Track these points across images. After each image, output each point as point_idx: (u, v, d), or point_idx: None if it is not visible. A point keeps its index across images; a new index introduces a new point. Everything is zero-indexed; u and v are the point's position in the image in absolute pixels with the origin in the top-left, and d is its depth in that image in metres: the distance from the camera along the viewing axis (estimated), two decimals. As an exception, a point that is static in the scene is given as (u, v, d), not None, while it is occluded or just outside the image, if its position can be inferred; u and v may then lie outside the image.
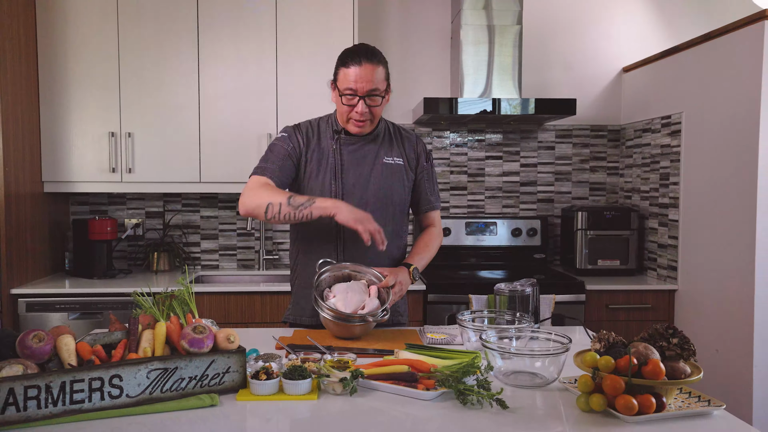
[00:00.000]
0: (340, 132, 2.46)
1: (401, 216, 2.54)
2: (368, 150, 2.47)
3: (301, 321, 2.55)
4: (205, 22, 3.87)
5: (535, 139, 4.49)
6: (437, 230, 2.62)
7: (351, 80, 2.30)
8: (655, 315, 3.75)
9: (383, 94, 2.36)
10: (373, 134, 2.49)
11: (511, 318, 2.17)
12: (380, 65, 2.34)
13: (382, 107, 2.40)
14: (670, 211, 3.81)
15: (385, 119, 2.59)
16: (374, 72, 2.30)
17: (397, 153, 2.51)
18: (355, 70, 2.29)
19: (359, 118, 2.36)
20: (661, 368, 1.52)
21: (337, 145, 2.45)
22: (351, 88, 2.31)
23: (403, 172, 2.50)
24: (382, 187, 2.45)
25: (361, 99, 2.32)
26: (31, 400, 1.50)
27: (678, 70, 3.76)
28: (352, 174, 2.44)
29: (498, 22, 4.04)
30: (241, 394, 1.71)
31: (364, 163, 2.45)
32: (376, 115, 2.40)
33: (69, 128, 3.86)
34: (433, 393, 1.67)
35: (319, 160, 2.44)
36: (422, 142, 2.59)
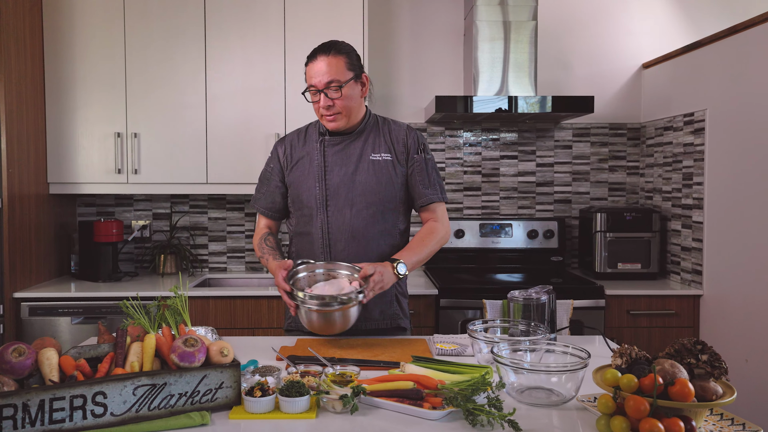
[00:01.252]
0: (325, 134, 2.46)
1: (393, 214, 2.45)
2: (353, 148, 2.44)
3: (303, 328, 2.46)
4: (212, 20, 3.80)
5: (551, 137, 4.37)
6: (438, 224, 2.48)
7: (310, 76, 2.35)
8: (679, 321, 3.61)
9: (343, 84, 2.32)
10: (357, 131, 2.45)
11: (526, 328, 2.06)
12: (338, 55, 2.34)
13: (353, 98, 2.38)
14: (694, 213, 3.67)
15: (376, 114, 2.54)
16: (330, 64, 2.31)
17: (385, 148, 2.45)
18: (311, 65, 2.35)
19: (326, 113, 2.35)
20: (690, 389, 1.39)
21: (321, 147, 2.45)
22: (312, 85, 2.35)
23: (391, 167, 2.43)
24: (369, 185, 2.40)
25: (322, 93, 2.32)
26: (6, 420, 1.42)
27: (701, 66, 3.63)
28: (336, 174, 2.41)
29: (513, 18, 3.93)
30: (234, 411, 1.62)
31: (349, 162, 2.42)
32: (346, 107, 2.36)
33: (75, 128, 3.82)
34: (439, 412, 1.57)
35: (306, 165, 2.46)
36: (414, 134, 2.50)
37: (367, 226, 2.39)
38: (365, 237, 2.38)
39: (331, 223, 2.39)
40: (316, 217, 2.40)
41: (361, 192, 2.39)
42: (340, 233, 2.38)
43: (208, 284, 4.12)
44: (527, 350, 1.86)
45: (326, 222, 2.39)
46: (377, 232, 2.40)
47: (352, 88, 2.36)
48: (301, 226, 2.47)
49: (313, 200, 2.41)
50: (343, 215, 2.39)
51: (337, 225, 2.39)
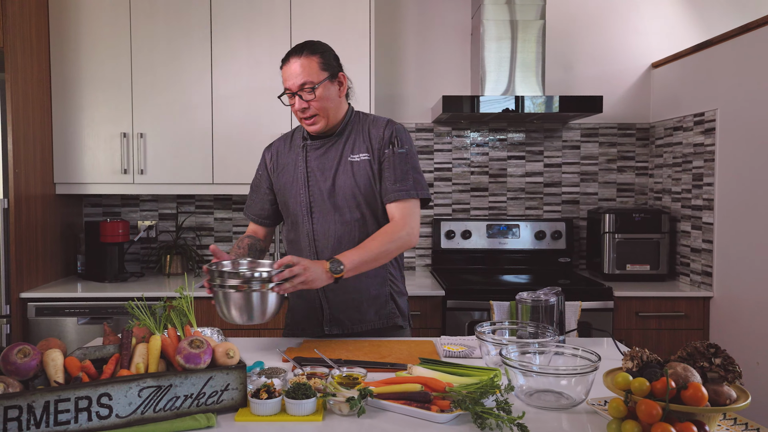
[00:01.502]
0: (307, 139, 2.42)
1: (377, 215, 2.37)
2: (333, 152, 2.38)
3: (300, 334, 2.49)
4: (218, 20, 3.79)
5: (559, 138, 4.34)
6: (397, 224, 2.27)
7: (284, 79, 2.31)
8: (689, 324, 3.58)
9: (317, 86, 2.26)
10: (338, 132, 2.39)
11: (534, 330, 2.03)
12: (311, 56, 2.28)
13: (329, 99, 2.31)
14: (704, 214, 3.64)
15: (360, 111, 2.48)
16: (301, 65, 2.26)
17: (363, 147, 2.36)
18: (285, 68, 2.30)
19: (302, 116, 2.31)
20: (704, 393, 1.37)
21: (303, 153, 2.41)
22: (286, 88, 2.31)
23: (368, 167, 2.34)
24: (349, 189, 2.33)
25: (296, 95, 2.28)
26: (11, 421, 1.40)
27: (712, 65, 3.60)
28: (318, 180, 2.36)
29: (521, 17, 3.90)
30: (240, 413, 1.61)
31: (330, 166, 2.36)
32: (321, 109, 2.29)
33: (81, 129, 3.82)
34: (447, 415, 1.55)
35: (292, 171, 2.42)
36: (392, 128, 2.36)
37: (353, 231, 2.33)
38: (351, 242, 2.32)
39: (317, 230, 2.35)
40: (303, 225, 2.37)
41: (343, 196, 2.33)
42: (326, 240, 2.34)
43: (215, 285, 4.10)
44: (536, 352, 1.84)
45: (311, 230, 2.35)
46: (362, 237, 2.31)
47: (327, 88, 2.29)
48: (291, 234, 2.45)
49: (299, 207, 2.38)
50: (327, 222, 2.34)
51: (322, 232, 2.34)
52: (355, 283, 2.34)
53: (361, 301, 2.39)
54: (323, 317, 2.40)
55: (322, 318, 2.40)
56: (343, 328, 2.40)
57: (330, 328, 2.40)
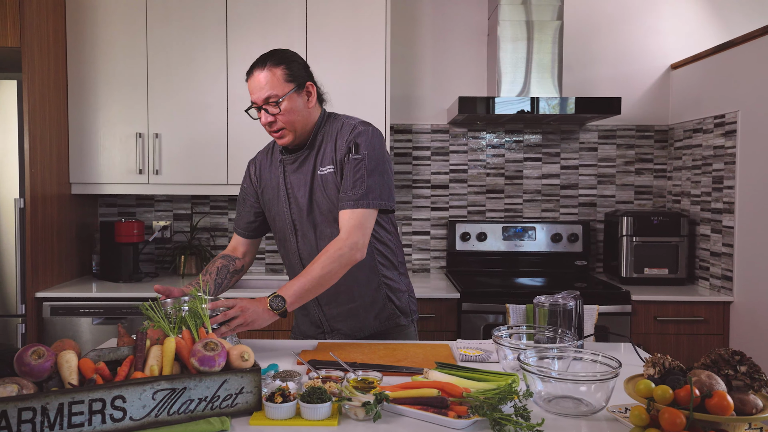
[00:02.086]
0: (283, 153, 2.35)
1: None
2: (307, 166, 2.29)
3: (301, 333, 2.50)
4: (234, 20, 3.79)
5: (576, 140, 4.31)
6: (334, 243, 2.13)
7: (250, 92, 2.23)
8: (708, 329, 3.54)
9: (282, 98, 2.17)
10: (308, 145, 2.29)
11: (552, 335, 2.00)
12: (275, 68, 2.19)
13: (296, 112, 2.21)
14: (725, 217, 3.59)
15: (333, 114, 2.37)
16: (265, 78, 2.18)
17: (329, 159, 2.25)
18: (250, 82, 2.22)
19: (270, 130, 2.23)
20: (729, 401, 1.34)
21: (281, 169, 2.35)
22: (252, 101, 2.23)
23: (334, 179, 2.24)
24: (323, 203, 2.26)
25: (261, 110, 2.21)
26: (25, 423, 1.39)
27: (733, 67, 3.56)
28: (298, 197, 2.31)
29: (537, 18, 3.88)
30: (254, 417, 1.59)
31: (305, 181, 2.29)
32: (289, 123, 2.21)
33: (97, 129, 3.83)
34: (465, 422, 1.52)
35: (275, 187, 2.37)
36: (354, 134, 2.23)
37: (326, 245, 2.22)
38: None
39: (302, 248, 2.32)
40: (290, 243, 2.35)
41: (320, 212, 2.27)
42: (310, 256, 2.30)
43: (229, 286, 4.10)
44: (555, 358, 1.81)
45: (297, 249, 2.33)
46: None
47: (294, 100, 2.19)
48: (282, 251, 2.44)
49: (284, 225, 2.34)
50: (309, 239, 2.30)
51: (307, 250, 2.31)
52: (348, 293, 2.32)
53: (358, 309, 2.36)
54: (324, 329, 2.41)
55: (323, 328, 2.41)
56: (344, 337, 2.40)
57: (332, 337, 2.40)
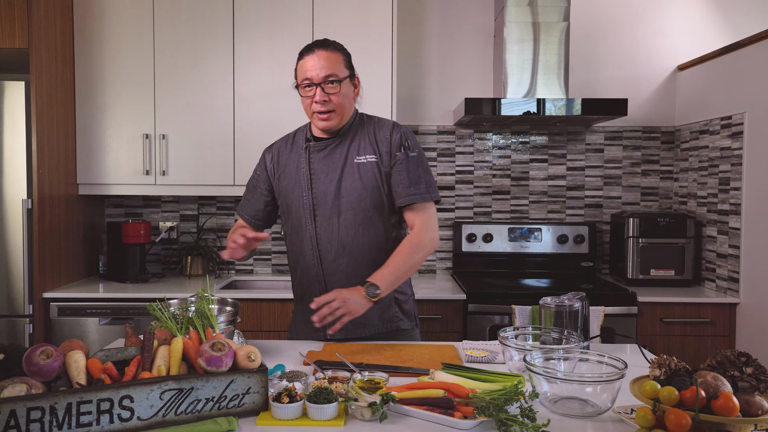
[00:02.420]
0: (310, 140, 2.39)
1: (383, 220, 2.35)
2: (338, 154, 2.34)
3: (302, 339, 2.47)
4: (241, 21, 3.80)
5: (582, 141, 4.30)
6: (420, 233, 2.30)
7: (306, 69, 2.27)
8: (715, 330, 3.53)
9: (342, 80, 2.27)
10: (342, 133, 2.36)
11: (558, 336, 2.01)
12: (336, 52, 2.29)
13: (347, 97, 2.31)
14: (731, 219, 3.59)
15: (363, 113, 2.45)
16: (328, 58, 2.25)
17: (370, 149, 2.33)
18: (309, 58, 2.27)
19: (320, 109, 2.27)
20: (735, 403, 1.34)
21: (306, 154, 2.37)
22: (307, 78, 2.27)
23: (376, 169, 2.32)
24: (354, 191, 2.31)
25: (318, 86, 2.25)
26: (34, 423, 1.40)
27: (739, 68, 3.55)
28: (322, 182, 2.33)
29: (543, 19, 3.88)
30: (261, 417, 1.60)
31: (335, 167, 2.33)
32: (339, 105, 2.28)
33: (104, 130, 3.84)
34: (471, 422, 1.53)
35: (294, 173, 2.39)
36: (400, 131, 2.35)
37: (357, 234, 2.30)
38: (356, 247, 2.30)
39: (320, 233, 2.32)
40: (306, 228, 2.34)
41: (348, 198, 2.30)
42: (329, 244, 2.31)
43: (235, 286, 4.11)
44: (560, 359, 1.81)
45: (314, 233, 2.33)
46: (368, 241, 2.31)
47: (347, 86, 2.30)
48: (293, 237, 2.42)
49: (301, 210, 2.35)
50: (330, 225, 2.31)
51: (326, 236, 2.32)
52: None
53: None
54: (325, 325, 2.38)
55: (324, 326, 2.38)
56: (346, 333, 2.33)
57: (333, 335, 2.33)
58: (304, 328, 2.45)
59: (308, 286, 2.40)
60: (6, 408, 1.37)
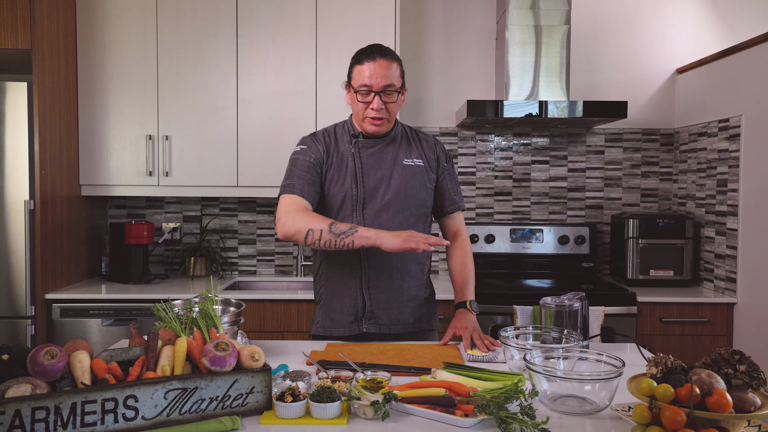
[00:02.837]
0: (358, 136, 2.42)
1: (424, 218, 2.47)
2: (387, 152, 2.43)
3: (335, 333, 2.46)
4: (244, 23, 3.82)
5: (583, 143, 4.32)
6: (465, 239, 2.58)
7: (366, 76, 2.30)
8: (713, 330, 3.56)
9: (398, 90, 2.34)
10: (390, 136, 2.44)
11: (558, 335, 2.03)
12: (394, 62, 2.34)
13: (398, 105, 2.38)
14: (729, 220, 3.61)
15: (402, 123, 2.53)
16: (389, 67, 2.30)
17: (417, 154, 2.46)
18: (370, 65, 2.29)
19: (375, 115, 2.33)
20: (728, 400, 1.36)
21: (355, 149, 2.41)
22: (366, 84, 2.30)
23: (424, 173, 2.45)
24: (404, 189, 2.40)
25: (377, 95, 2.30)
26: (38, 422, 1.41)
27: (737, 71, 3.58)
28: (372, 177, 2.39)
29: (545, 22, 3.90)
30: (265, 416, 1.61)
31: (384, 165, 2.41)
32: (392, 113, 2.36)
33: (107, 131, 3.85)
34: (471, 420, 1.55)
35: (339, 166, 2.41)
36: (441, 144, 2.55)
37: (403, 229, 2.34)
38: None
39: (368, 225, 2.34)
40: (352, 218, 2.37)
41: (397, 195, 2.38)
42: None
43: (238, 287, 4.13)
44: (560, 358, 1.83)
45: (363, 224, 2.35)
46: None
47: (399, 96, 2.37)
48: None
49: (350, 201, 2.37)
50: (380, 218, 2.36)
51: (374, 225, 2.34)
52: (399, 282, 2.40)
53: (402, 301, 2.42)
54: (363, 314, 2.40)
55: (363, 315, 2.40)
56: (380, 327, 2.41)
57: (368, 326, 2.40)
58: (342, 320, 2.44)
59: (348, 278, 2.41)
60: (11, 408, 1.38)
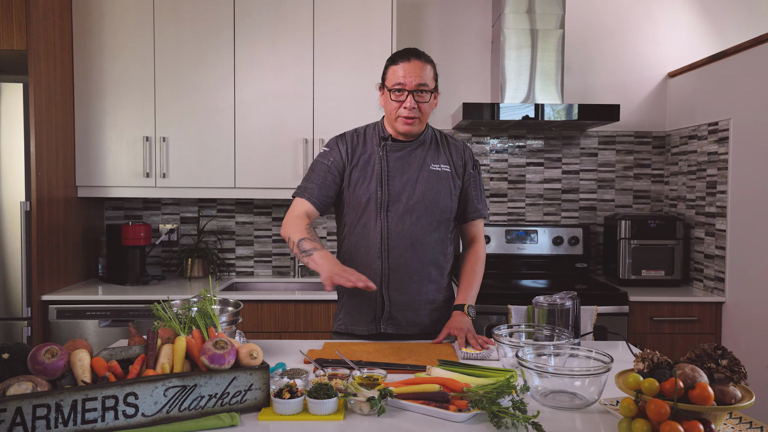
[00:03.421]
0: (387, 138, 2.46)
1: (446, 224, 2.49)
2: (415, 156, 2.45)
3: (355, 331, 2.51)
4: (242, 25, 3.85)
5: (577, 145, 4.37)
6: (481, 246, 2.61)
7: (400, 75, 2.34)
8: (702, 328, 3.61)
9: (431, 91, 2.37)
10: (419, 140, 2.47)
11: (550, 333, 2.07)
12: (428, 64, 2.38)
13: (431, 106, 2.41)
14: (717, 221, 3.66)
15: (432, 127, 2.56)
16: (423, 68, 2.34)
17: (444, 160, 2.49)
18: (404, 65, 2.34)
19: (408, 114, 2.36)
20: (710, 392, 1.41)
21: (383, 152, 2.44)
22: (400, 83, 2.34)
23: (449, 179, 2.47)
24: (428, 194, 2.43)
25: (410, 93, 2.33)
26: (39, 419, 1.43)
27: (726, 76, 3.63)
28: (398, 180, 2.42)
29: (541, 26, 3.95)
30: (263, 413, 1.64)
31: (411, 169, 2.44)
32: (424, 113, 2.39)
33: (104, 132, 3.87)
34: (465, 415, 1.59)
35: (365, 168, 2.44)
36: (469, 150, 2.57)
37: (425, 234, 2.41)
38: (423, 245, 2.41)
39: (391, 228, 2.39)
40: (376, 221, 2.40)
41: (421, 200, 2.41)
42: (399, 239, 2.39)
43: (235, 288, 4.16)
44: (551, 354, 1.87)
45: (386, 227, 2.39)
46: (434, 241, 2.44)
47: (433, 96, 2.40)
48: (358, 228, 2.45)
49: (374, 203, 2.40)
50: (403, 221, 2.40)
51: (396, 231, 2.39)
52: (418, 285, 2.44)
53: (420, 303, 2.46)
54: (382, 315, 2.44)
55: (381, 315, 2.44)
56: (398, 328, 2.45)
57: (386, 327, 2.44)
58: (361, 319, 2.49)
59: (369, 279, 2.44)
60: (12, 405, 1.40)
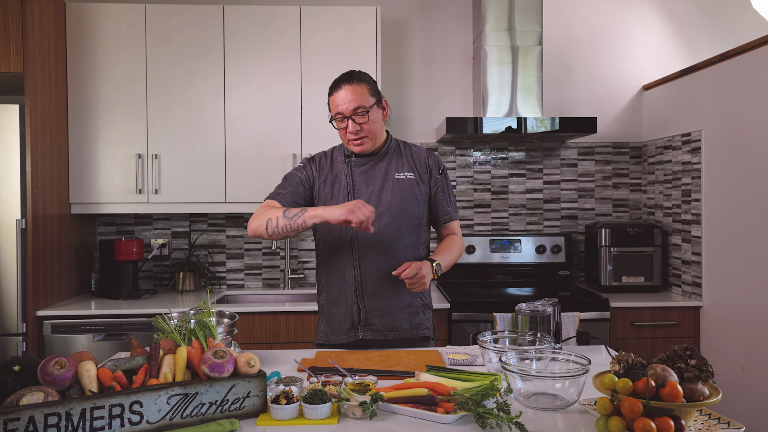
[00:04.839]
0: (351, 155, 2.57)
1: (417, 228, 2.57)
2: (379, 168, 2.56)
3: (335, 341, 2.58)
4: (231, 43, 3.92)
5: (557, 156, 4.48)
6: (458, 237, 2.66)
7: (337, 104, 2.46)
8: (681, 332, 3.71)
9: (369, 109, 2.46)
10: (381, 153, 2.57)
11: (533, 338, 2.16)
12: (361, 83, 2.47)
13: (375, 122, 2.50)
14: (693, 228, 3.78)
15: (396, 138, 2.66)
16: (354, 91, 2.44)
17: (408, 168, 2.58)
18: (337, 94, 2.46)
19: (354, 137, 2.48)
20: (679, 390, 1.51)
21: (348, 167, 2.56)
22: (339, 112, 2.46)
23: (415, 185, 2.56)
24: (395, 201, 2.52)
25: (349, 119, 2.45)
26: (51, 427, 1.50)
27: (697, 89, 3.75)
28: (364, 191, 2.53)
29: (521, 43, 4.06)
30: (261, 418, 1.71)
31: (376, 180, 2.54)
32: (371, 131, 2.49)
33: (97, 150, 3.91)
34: (452, 416, 1.67)
35: (333, 184, 2.56)
36: (434, 156, 2.65)
37: (394, 239, 2.49)
38: (393, 251, 2.49)
39: (360, 237, 2.48)
40: (346, 231, 2.49)
41: (388, 208, 2.50)
42: (369, 247, 2.48)
43: (226, 301, 4.20)
44: (534, 359, 1.96)
45: (356, 236, 2.48)
46: (404, 246, 2.52)
47: (376, 112, 2.49)
48: (330, 240, 2.55)
49: None
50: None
51: (366, 239, 2.48)
52: (392, 290, 2.51)
53: (395, 308, 2.53)
54: (359, 322, 2.52)
55: (358, 322, 2.52)
56: (376, 334, 2.52)
57: (364, 333, 2.51)
58: (340, 328, 2.56)
59: (344, 289, 2.54)
60: (25, 414, 1.47)
